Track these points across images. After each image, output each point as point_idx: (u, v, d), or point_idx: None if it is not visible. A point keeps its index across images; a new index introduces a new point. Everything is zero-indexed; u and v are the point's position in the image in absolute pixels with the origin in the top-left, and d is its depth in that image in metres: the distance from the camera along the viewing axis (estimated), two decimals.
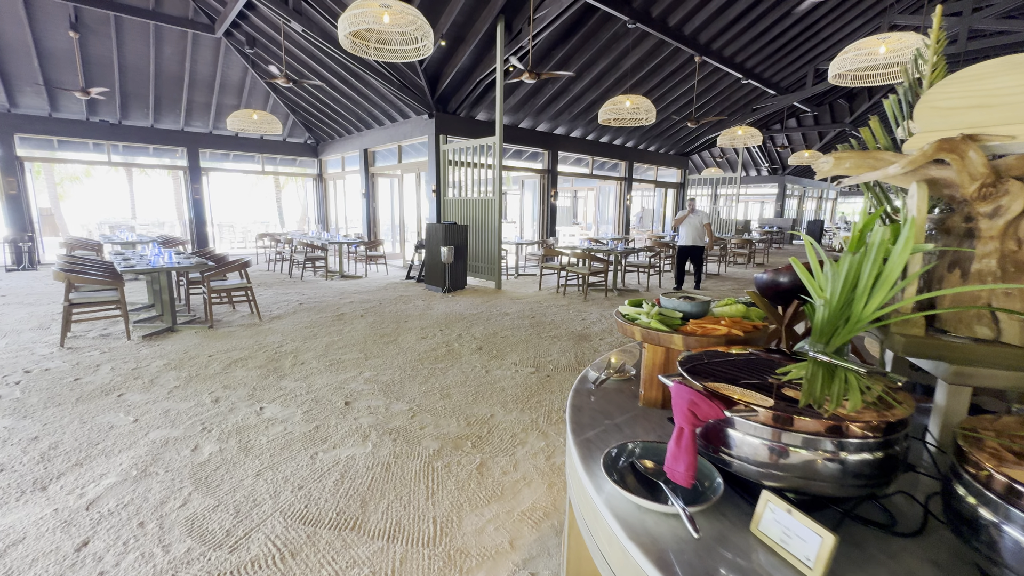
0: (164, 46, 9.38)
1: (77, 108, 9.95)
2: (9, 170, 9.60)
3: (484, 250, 8.18)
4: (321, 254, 8.89)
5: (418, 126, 9.25)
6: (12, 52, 8.53)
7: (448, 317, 5.81)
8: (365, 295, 7.21)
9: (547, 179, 11.17)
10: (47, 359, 4.07)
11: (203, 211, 11.99)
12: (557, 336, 5.01)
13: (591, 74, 9.10)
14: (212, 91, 10.64)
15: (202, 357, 4.17)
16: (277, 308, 6.22)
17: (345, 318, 5.71)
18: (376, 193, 11.53)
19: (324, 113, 11.29)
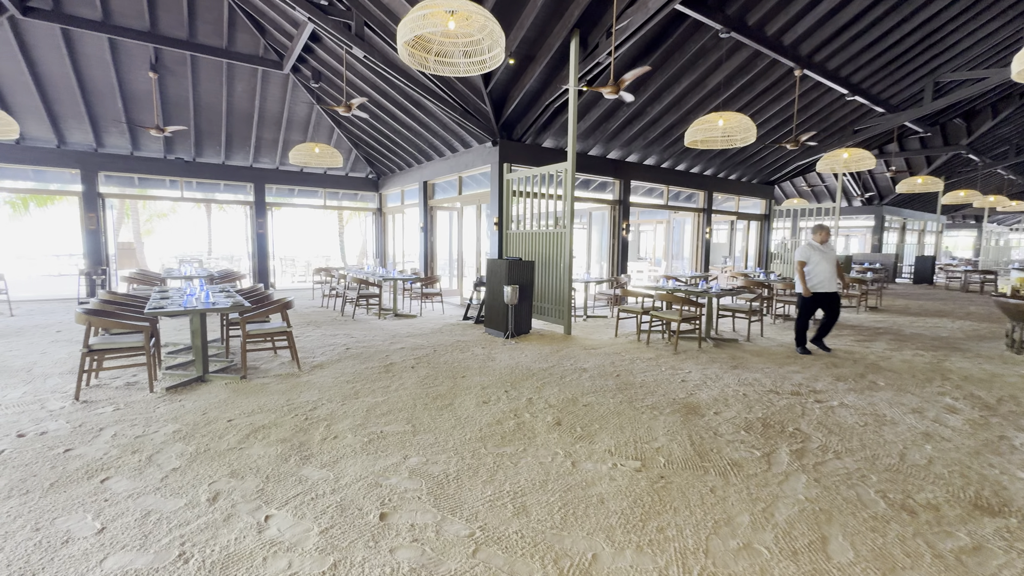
0: (236, 84, 9.52)
1: (156, 147, 10.28)
2: (91, 206, 9.96)
3: (551, 289, 7.21)
4: (375, 291, 8.30)
5: (480, 155, 8.64)
6: (99, 95, 8.90)
7: (514, 372, 4.82)
8: (418, 339, 6.41)
9: (618, 210, 10.15)
10: (52, 417, 3.48)
11: (266, 245, 12.00)
12: (656, 406, 3.86)
13: (671, 94, 8.14)
14: (279, 127, 10.72)
15: (220, 422, 3.42)
16: (321, 353, 5.52)
17: (394, 370, 4.87)
18: (434, 227, 11.01)
19: (385, 146, 11.07)
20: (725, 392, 4.25)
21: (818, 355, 5.70)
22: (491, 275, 6.75)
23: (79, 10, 7.57)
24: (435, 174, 10.28)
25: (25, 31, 7.62)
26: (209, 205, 18.71)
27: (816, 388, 4.42)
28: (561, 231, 6.88)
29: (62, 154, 9.60)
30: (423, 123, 9.06)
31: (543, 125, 8.15)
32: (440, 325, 7.53)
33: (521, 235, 7.69)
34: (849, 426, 3.51)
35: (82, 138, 9.57)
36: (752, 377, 4.73)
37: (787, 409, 3.85)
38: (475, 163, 8.82)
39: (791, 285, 8.07)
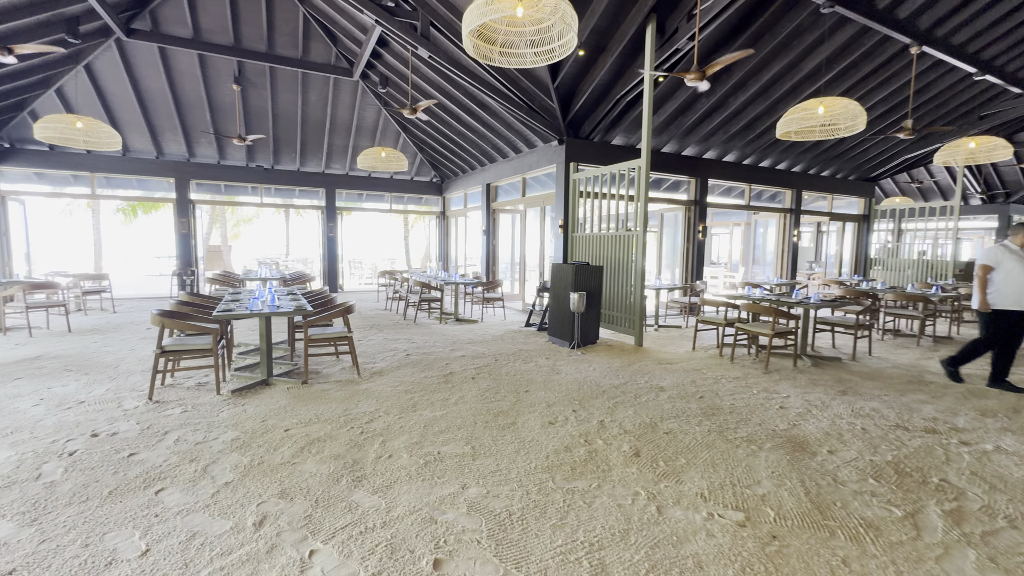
0: (310, 93, 9.86)
1: (239, 155, 10.92)
2: (183, 212, 10.74)
3: (620, 296, 6.70)
4: (436, 295, 8.19)
5: (545, 155, 8.28)
6: (190, 108, 9.55)
7: (581, 388, 4.40)
8: (479, 346, 6.15)
9: (693, 211, 9.39)
10: (125, 417, 3.54)
11: (335, 248, 12.39)
12: (753, 438, 3.29)
13: (758, 81, 7.33)
14: (349, 134, 11.01)
15: (277, 431, 3.31)
16: (381, 359, 5.40)
17: (453, 380, 4.62)
18: (496, 230, 10.80)
19: (449, 149, 11.03)
20: (837, 425, 3.57)
21: (948, 384, 4.76)
22: (556, 280, 6.37)
23: (173, 29, 8.13)
24: (498, 176, 10.07)
25: (128, 51, 8.31)
26: (287, 210, 19.88)
27: (957, 425, 3.61)
28: (632, 234, 6.35)
29: (160, 164, 10.44)
30: (487, 124, 8.87)
31: (613, 121, 7.65)
32: (501, 332, 7.24)
33: (587, 238, 7.24)
34: (1017, 481, 2.76)
35: (176, 149, 10.34)
36: (869, 407, 3.98)
37: (924, 452, 3.12)
38: (539, 163, 8.48)
39: (959, 297, 6.97)
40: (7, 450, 2.94)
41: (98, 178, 10.21)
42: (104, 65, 8.42)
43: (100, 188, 10.38)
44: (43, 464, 2.77)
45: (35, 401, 3.83)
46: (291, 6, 8.22)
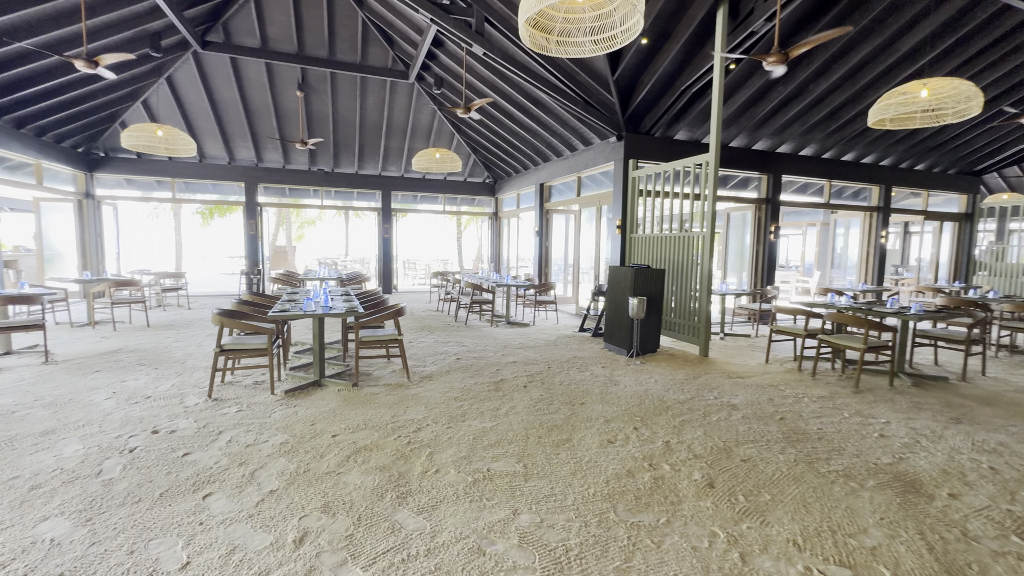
0: (368, 97, 10.05)
1: (302, 159, 11.35)
2: (251, 214, 11.31)
3: (683, 302, 6.23)
4: (488, 296, 8.04)
5: (602, 152, 7.92)
6: (258, 115, 10.01)
7: (643, 402, 4.04)
8: (531, 352, 5.91)
9: (764, 211, 8.66)
10: (185, 414, 3.60)
11: (390, 249, 12.61)
12: (851, 473, 2.81)
13: (845, 64, 6.58)
14: (405, 136, 11.14)
15: (325, 437, 3.23)
16: (431, 362, 5.29)
17: (504, 388, 4.41)
18: (550, 231, 10.52)
19: (502, 149, 10.89)
20: (956, 461, 3.00)
21: None
22: (613, 284, 6.01)
23: (243, 40, 8.52)
24: (552, 175, 9.80)
25: (204, 63, 8.81)
26: (346, 212, 20.65)
27: None
28: (699, 235, 5.88)
29: (231, 169, 11.05)
30: (541, 122, 8.63)
31: (676, 115, 7.16)
32: (554, 336, 6.96)
33: (647, 239, 6.81)
34: None
35: (246, 155, 10.90)
36: (994, 440, 3.35)
37: None
38: (596, 161, 8.12)
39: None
40: (76, 443, 3.04)
41: (178, 183, 10.95)
42: (183, 77, 8.98)
43: (180, 192, 11.14)
44: (105, 460, 2.83)
45: (108, 394, 4.01)
46: (350, 11, 8.38)
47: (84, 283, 7.15)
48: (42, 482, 2.56)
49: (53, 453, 2.90)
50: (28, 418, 3.47)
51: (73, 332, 6.70)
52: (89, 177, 10.03)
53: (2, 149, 7.49)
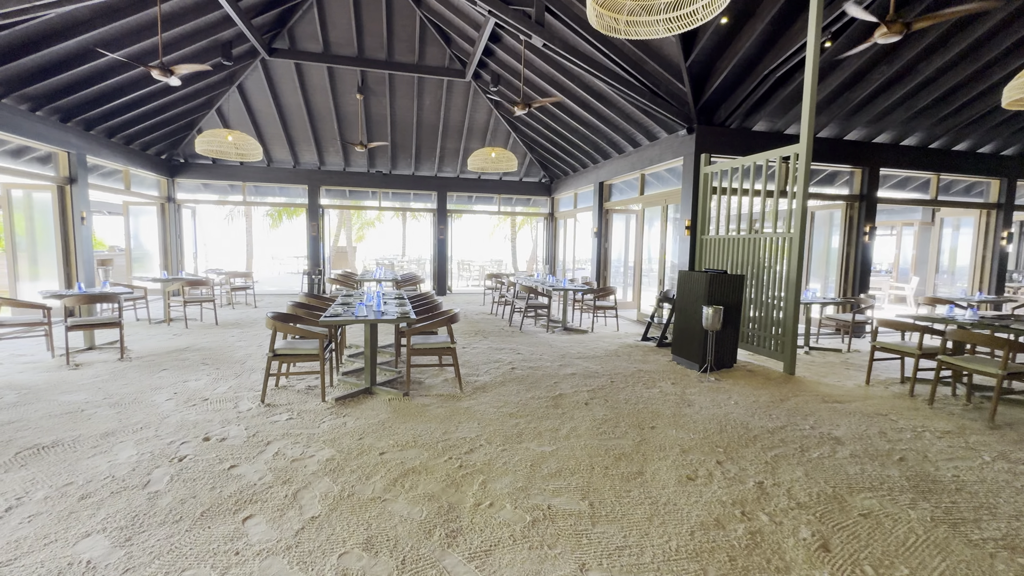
0: (425, 97, 10.01)
1: (361, 162, 11.54)
2: (314, 216, 11.65)
3: (763, 312, 5.56)
4: (544, 300, 7.69)
5: (669, 147, 7.33)
6: (321, 119, 10.25)
7: (724, 428, 3.53)
8: (591, 362, 5.49)
9: (857, 209, 7.68)
10: (237, 420, 3.53)
11: (445, 250, 12.58)
12: (1016, 545, 2.20)
13: (966, 39, 5.62)
14: (460, 136, 11.03)
15: (373, 454, 3.01)
16: (485, 371, 5.01)
17: (564, 404, 4.04)
18: (609, 232, 10.00)
19: (559, 147, 10.49)
20: None
21: None
22: (683, 291, 5.46)
23: (307, 45, 8.71)
24: (613, 174, 9.28)
25: (271, 69, 9.10)
26: (404, 213, 21.06)
27: None
28: (785, 236, 5.21)
29: (296, 173, 11.43)
30: (603, 117, 8.16)
31: (755, 104, 6.46)
32: (615, 346, 6.49)
33: (720, 241, 6.18)
34: None
35: (309, 158, 11.23)
36: None
37: None
38: (662, 157, 7.54)
39: None
40: (131, 448, 3.01)
41: (248, 187, 11.48)
42: (252, 84, 9.33)
43: (250, 196, 11.67)
44: (155, 468, 2.76)
45: (169, 395, 4.05)
46: (409, 12, 8.33)
47: (161, 282, 7.55)
48: (92, 491, 2.50)
49: (108, 458, 2.87)
50: (94, 418, 3.53)
51: (150, 329, 7.06)
52: (171, 182, 10.71)
53: (97, 157, 8.08)
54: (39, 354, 5.42)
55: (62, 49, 6.08)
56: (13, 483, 2.57)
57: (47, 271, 7.62)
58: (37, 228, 7.58)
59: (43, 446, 3.02)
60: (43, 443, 3.06)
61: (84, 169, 7.68)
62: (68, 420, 3.46)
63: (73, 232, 7.58)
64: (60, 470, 2.72)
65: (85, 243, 7.74)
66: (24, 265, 7.52)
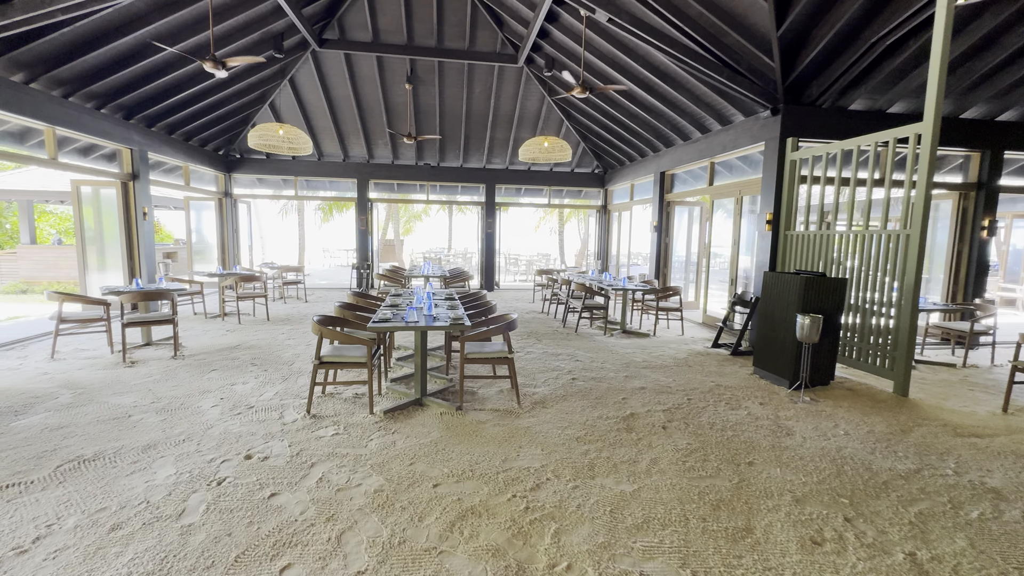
0: (475, 86, 9.61)
1: (409, 154, 11.33)
2: (362, 210, 11.58)
3: (863, 318, 4.78)
4: (600, 301, 7.14)
5: (747, 131, 6.55)
6: (370, 111, 10.08)
7: (841, 469, 2.91)
8: (660, 373, 4.92)
9: (974, 199, 6.60)
10: (282, 434, 3.27)
11: (493, 244, 12.21)
12: None
13: None
14: (511, 125, 10.56)
15: (425, 486, 2.64)
16: (543, 382, 4.56)
17: (637, 426, 3.53)
18: (670, 226, 9.26)
19: (616, 135, 9.81)
20: None
21: None
22: (769, 295, 4.77)
23: (356, 34, 8.50)
24: (676, 162, 8.53)
25: (321, 61, 8.98)
26: (450, 207, 20.93)
27: None
28: (898, 233, 4.41)
29: (345, 166, 11.37)
30: (669, 100, 7.44)
31: (856, 78, 5.59)
32: (684, 353, 5.87)
33: (810, 238, 5.40)
34: None
35: (358, 151, 11.13)
36: None
37: None
38: (738, 143, 6.76)
39: None
40: (170, 466, 2.79)
41: (300, 181, 11.55)
42: (303, 78, 9.26)
43: (301, 190, 11.75)
44: (192, 494, 2.50)
45: (215, 401, 3.88)
46: None
47: (217, 277, 7.61)
48: (124, 520, 2.27)
49: (146, 478, 2.66)
50: (140, 425, 3.37)
51: (205, 324, 7.11)
52: (227, 177, 10.92)
53: (157, 154, 8.23)
54: (100, 349, 5.48)
55: (121, 45, 6.10)
56: (48, 504, 2.39)
57: (113, 263, 7.86)
58: (105, 222, 7.81)
59: (85, 459, 2.86)
60: (86, 455, 2.90)
61: (146, 165, 7.83)
62: (114, 427, 3.32)
63: (136, 227, 7.76)
64: (96, 490, 2.52)
65: (147, 238, 7.92)
66: (93, 257, 7.78)
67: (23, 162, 6.01)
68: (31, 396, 3.92)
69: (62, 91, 6.19)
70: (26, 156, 6.08)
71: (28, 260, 12.04)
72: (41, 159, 6.18)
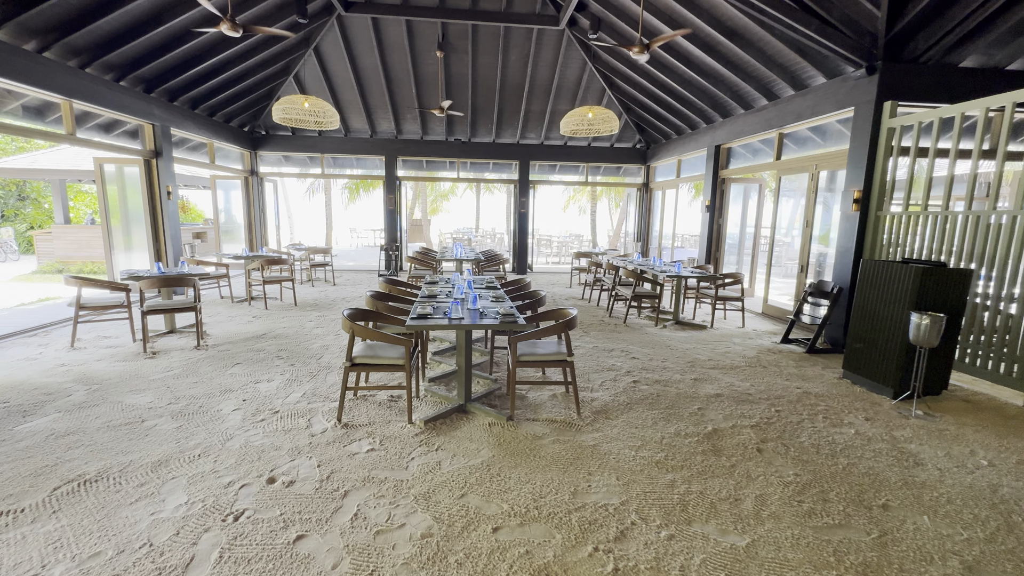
0: (510, 53, 8.87)
1: (439, 130, 10.71)
2: (390, 188, 11.08)
3: (988, 317, 4.03)
4: (650, 289, 6.49)
5: (830, 95, 5.68)
6: (399, 83, 9.47)
7: (1006, 516, 2.27)
8: (734, 375, 4.30)
9: None
10: (309, 449, 2.82)
11: (526, 224, 11.58)
12: None
13: None
14: (548, 96, 9.80)
15: (483, 531, 2.13)
16: (600, 384, 4.01)
17: (725, 446, 2.94)
18: (724, 205, 8.44)
19: (665, 104, 8.95)
20: None
21: None
22: (867, 286, 4.05)
23: None
24: (735, 134, 7.67)
25: (347, 28, 8.38)
26: (478, 185, 20.26)
27: None
28: None
29: (373, 143, 10.85)
30: (733, 62, 6.59)
31: (977, 28, 4.67)
32: (751, 349, 5.20)
33: (913, 220, 4.60)
34: None
35: (386, 127, 10.57)
36: None
37: None
38: (817, 109, 5.90)
39: None
40: (181, 492, 2.37)
41: (326, 159, 11.11)
42: (328, 47, 8.69)
43: (328, 168, 11.32)
44: (204, 533, 2.07)
45: (237, 403, 3.47)
46: None
47: (243, 259, 7.28)
48: (121, 572, 1.84)
49: (152, 507, 2.24)
50: (152, 433, 2.98)
51: (231, 309, 6.79)
52: (253, 155, 10.55)
53: (181, 130, 7.86)
54: (123, 336, 5.19)
55: (136, 9, 5.64)
56: (35, 544, 1.98)
57: (139, 243, 7.60)
58: (129, 202, 7.53)
59: (87, 478, 2.46)
60: (88, 473, 2.51)
61: (169, 142, 7.47)
62: (124, 436, 2.94)
63: (160, 206, 7.46)
64: (93, 525, 2.11)
65: (172, 218, 7.61)
66: (119, 238, 7.54)
67: (40, 138, 5.69)
68: (44, 392, 3.59)
69: (78, 61, 5.79)
70: (44, 132, 5.75)
71: (63, 240, 12.07)
72: (59, 135, 5.84)
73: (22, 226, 16.01)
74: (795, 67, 6.00)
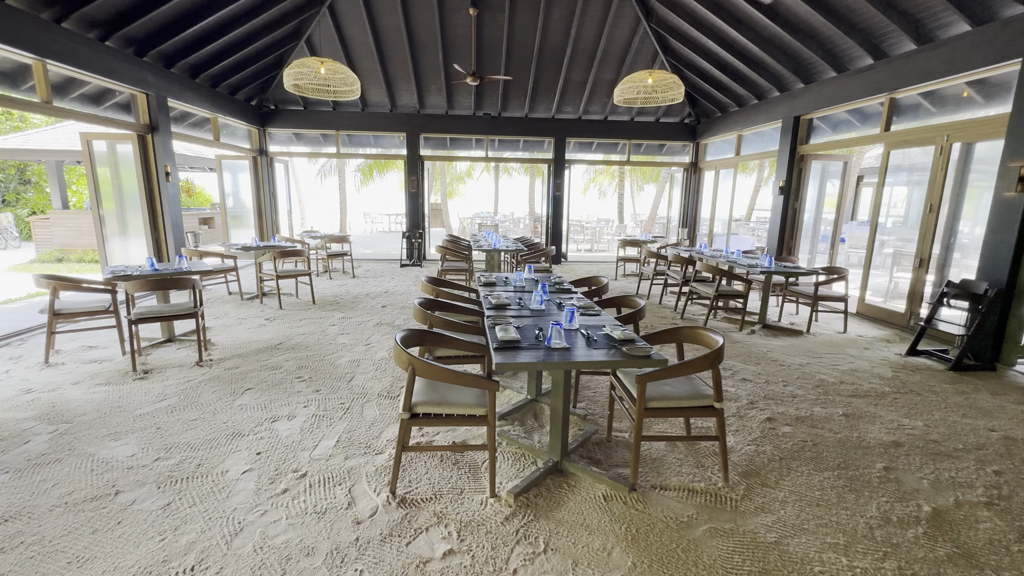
0: (552, 11, 7.71)
1: (467, 103, 9.61)
2: (412, 169, 10.05)
3: None
4: (735, 287, 5.46)
5: (979, 45, 4.52)
6: (424, 47, 8.36)
7: None
8: (887, 408, 3.29)
9: None
10: (356, 551, 1.89)
11: (561, 208, 10.51)
12: None
13: None
14: (591, 63, 8.64)
15: None
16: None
17: (968, 542, 1.96)
18: (802, 187, 7.30)
19: (730, 70, 7.76)
20: None
21: None
22: None
23: None
24: (823, 102, 6.51)
25: None
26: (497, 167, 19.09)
27: None
28: None
29: (393, 118, 9.78)
30: (837, 9, 5.42)
31: None
32: (878, 363, 4.18)
33: None
34: None
35: (408, 100, 9.49)
36: None
37: None
38: (955, 65, 4.73)
39: None
40: None
41: (341, 136, 10.08)
42: (345, 4, 7.59)
43: (343, 147, 10.29)
44: None
45: (248, 459, 2.54)
46: None
47: (253, 251, 6.35)
48: None
49: None
50: (127, 521, 2.07)
51: (240, 308, 5.89)
52: (261, 132, 9.55)
53: (180, 101, 6.87)
54: (111, 347, 4.30)
55: None
56: None
57: (136, 230, 6.69)
58: (124, 185, 6.60)
59: None
60: None
61: (166, 115, 6.49)
62: (87, 526, 2.02)
63: (158, 189, 6.52)
64: None
65: (172, 202, 6.68)
66: (113, 225, 6.63)
67: (8, 105, 4.73)
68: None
69: (51, 13, 4.80)
70: (11, 99, 4.78)
71: (61, 226, 11.23)
72: (31, 103, 4.88)
73: (24, 211, 15.25)
74: (921, 11, 4.84)
